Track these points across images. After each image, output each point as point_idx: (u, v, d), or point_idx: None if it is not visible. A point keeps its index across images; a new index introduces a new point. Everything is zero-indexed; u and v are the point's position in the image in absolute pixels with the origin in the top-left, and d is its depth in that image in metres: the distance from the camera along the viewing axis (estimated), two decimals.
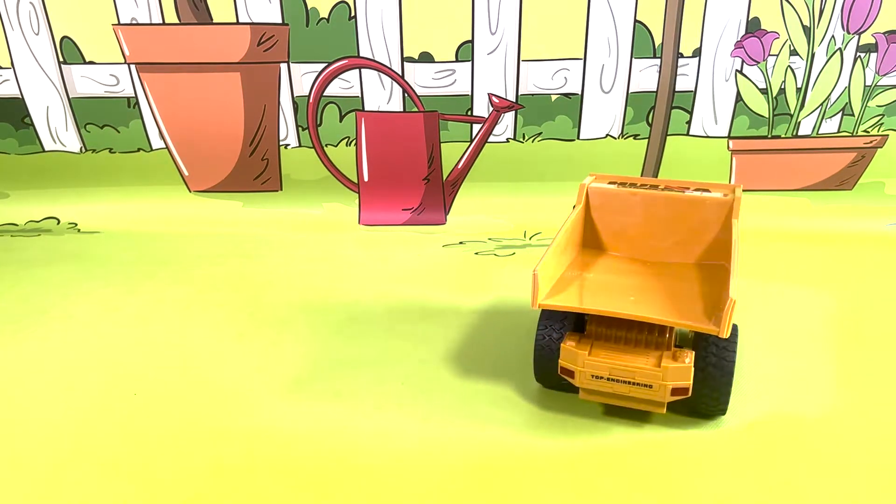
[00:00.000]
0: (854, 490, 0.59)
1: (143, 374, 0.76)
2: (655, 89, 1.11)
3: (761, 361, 0.76)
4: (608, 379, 0.63)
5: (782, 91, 1.09)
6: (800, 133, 1.12)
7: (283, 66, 1.12)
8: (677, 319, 0.61)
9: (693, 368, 0.62)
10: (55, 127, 1.17)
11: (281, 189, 1.21)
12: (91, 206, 1.21)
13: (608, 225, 0.77)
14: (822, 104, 1.10)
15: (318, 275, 0.99)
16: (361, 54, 1.10)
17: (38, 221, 1.19)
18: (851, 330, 0.82)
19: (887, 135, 1.11)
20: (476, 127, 1.15)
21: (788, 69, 1.08)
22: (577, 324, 0.69)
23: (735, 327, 0.65)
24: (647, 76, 1.10)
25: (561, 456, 0.63)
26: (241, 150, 1.18)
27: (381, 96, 1.13)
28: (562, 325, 0.68)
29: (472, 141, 1.16)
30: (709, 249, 0.73)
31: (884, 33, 1.04)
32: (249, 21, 1.08)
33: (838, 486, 0.59)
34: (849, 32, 1.05)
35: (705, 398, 0.64)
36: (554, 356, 0.67)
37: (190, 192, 1.21)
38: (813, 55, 1.07)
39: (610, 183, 0.77)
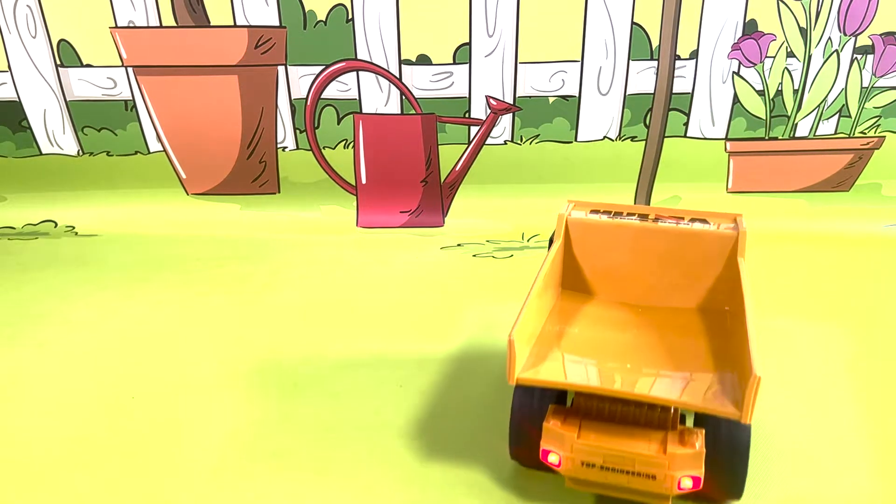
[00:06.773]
0: None
1: (141, 376, 0.76)
2: (653, 91, 1.11)
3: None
4: (602, 468, 0.51)
5: (779, 93, 1.09)
6: (797, 135, 1.12)
7: (281, 69, 1.12)
8: (688, 400, 0.50)
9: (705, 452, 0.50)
10: (52, 130, 1.17)
11: (279, 192, 1.21)
12: (89, 209, 1.20)
13: (593, 263, 0.67)
14: (819, 106, 1.10)
15: (317, 277, 0.99)
16: (359, 57, 1.10)
17: (35, 225, 1.19)
18: (851, 331, 0.82)
19: (884, 136, 1.11)
20: (474, 129, 1.15)
21: (785, 71, 1.08)
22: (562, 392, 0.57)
23: None
24: (644, 78, 1.10)
25: None
26: (239, 153, 1.18)
27: (378, 99, 1.13)
28: (543, 392, 0.55)
29: (469, 143, 1.16)
30: (711, 291, 0.64)
31: (880, 35, 1.05)
32: (247, 24, 1.08)
33: None
34: (845, 34, 1.05)
35: (716, 481, 0.53)
36: (535, 433, 0.54)
37: (188, 194, 1.21)
38: (810, 57, 1.07)
39: (592, 212, 0.67)
